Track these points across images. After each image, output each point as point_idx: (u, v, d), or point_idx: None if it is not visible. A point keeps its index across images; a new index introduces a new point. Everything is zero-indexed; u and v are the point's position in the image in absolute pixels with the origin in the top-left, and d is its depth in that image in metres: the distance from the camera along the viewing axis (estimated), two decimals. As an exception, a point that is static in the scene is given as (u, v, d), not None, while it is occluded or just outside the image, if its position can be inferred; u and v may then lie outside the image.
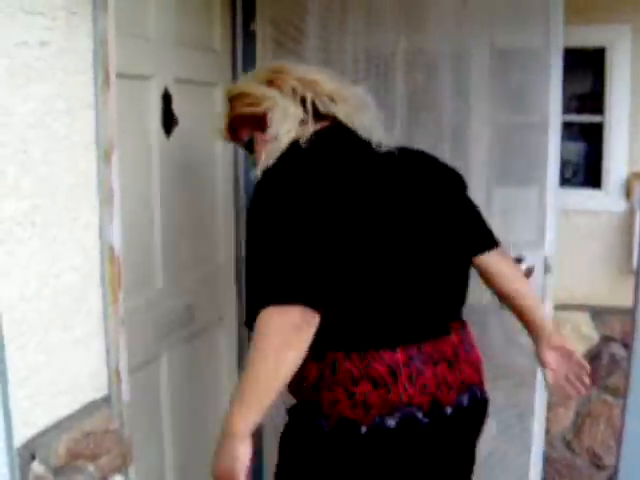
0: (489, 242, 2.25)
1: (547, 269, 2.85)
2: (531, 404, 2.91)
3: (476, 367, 2.15)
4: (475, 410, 2.12)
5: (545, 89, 2.75)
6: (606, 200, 3.28)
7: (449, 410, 2.00)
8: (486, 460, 2.87)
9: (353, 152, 2.05)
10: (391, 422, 1.93)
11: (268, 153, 2.02)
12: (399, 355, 1.95)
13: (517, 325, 2.77)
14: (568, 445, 3.40)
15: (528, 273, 2.84)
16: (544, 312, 2.27)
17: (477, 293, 2.52)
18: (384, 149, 2.05)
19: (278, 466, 2.15)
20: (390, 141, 2.08)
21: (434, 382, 1.98)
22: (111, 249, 2.07)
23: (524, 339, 2.87)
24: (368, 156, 2.04)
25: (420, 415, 1.95)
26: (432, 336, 2.02)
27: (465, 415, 2.06)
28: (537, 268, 2.85)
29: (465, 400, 2.06)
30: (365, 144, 2.06)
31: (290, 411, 2.11)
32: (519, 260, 2.83)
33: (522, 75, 2.80)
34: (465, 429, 2.12)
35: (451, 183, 2.17)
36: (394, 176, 2.05)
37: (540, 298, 2.85)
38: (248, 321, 1.86)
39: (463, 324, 2.18)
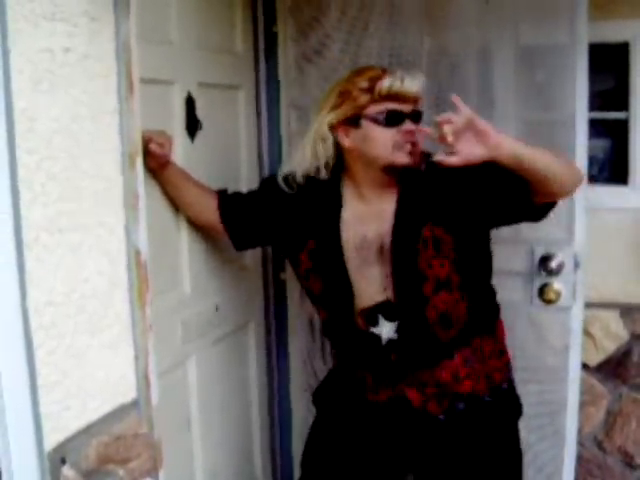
0: None
1: (577, 265, 2.83)
2: (563, 403, 2.89)
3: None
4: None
5: (571, 86, 2.73)
6: (633, 196, 3.25)
7: None
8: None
9: None
10: None
11: None
12: None
13: (547, 324, 2.77)
14: (599, 445, 3.37)
15: (558, 269, 2.82)
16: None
17: (505, 290, 2.51)
18: None
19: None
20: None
21: None
22: (137, 253, 2.08)
23: (554, 338, 2.87)
24: None
25: None
26: None
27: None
28: (567, 265, 2.83)
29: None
30: None
31: None
32: (549, 257, 2.82)
33: (547, 72, 2.78)
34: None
35: None
36: None
37: (571, 295, 2.84)
38: None
39: None
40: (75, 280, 1.88)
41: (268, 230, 2.52)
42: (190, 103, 2.61)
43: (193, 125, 2.63)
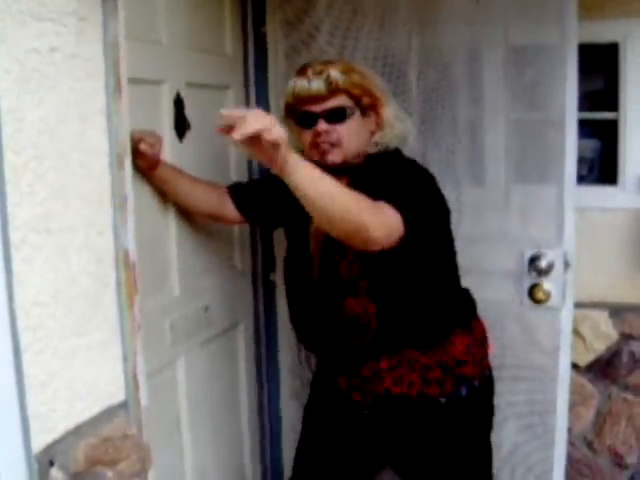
0: None
1: (567, 265, 2.84)
2: (553, 403, 2.89)
3: None
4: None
5: (560, 86, 2.73)
6: (622, 197, 3.25)
7: None
8: (508, 459, 2.85)
9: None
10: None
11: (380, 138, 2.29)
12: None
13: (536, 324, 2.77)
14: (589, 444, 3.37)
15: (548, 269, 2.82)
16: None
17: (494, 291, 2.52)
18: None
19: None
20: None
21: None
22: (126, 254, 2.07)
23: (544, 338, 2.87)
24: None
25: None
26: None
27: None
28: (557, 265, 2.83)
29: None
30: None
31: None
32: (538, 257, 2.82)
33: (537, 72, 2.78)
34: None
35: None
36: None
37: (561, 295, 2.85)
38: None
39: None
40: (63, 281, 1.87)
41: (275, 207, 2.54)
42: (179, 103, 2.60)
43: (182, 125, 2.62)
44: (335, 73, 2.19)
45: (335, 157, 2.23)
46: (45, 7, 1.77)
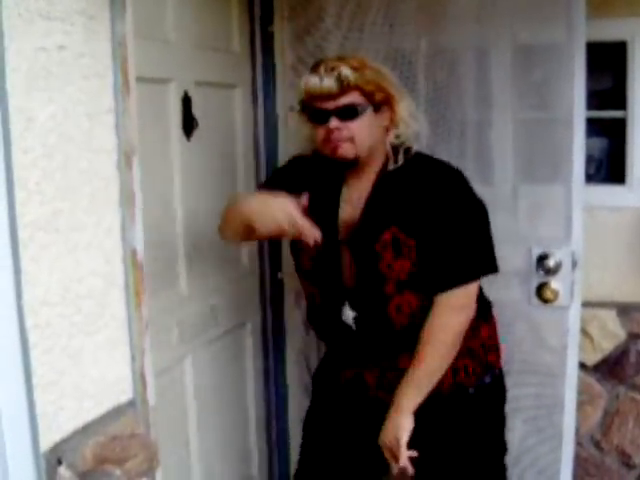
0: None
1: (574, 265, 2.83)
2: (560, 402, 2.88)
3: None
4: None
5: (568, 85, 2.73)
6: (630, 196, 3.25)
7: None
8: (516, 457, 2.84)
9: None
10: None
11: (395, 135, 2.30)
12: None
13: (544, 323, 2.76)
14: (597, 444, 3.36)
15: (556, 268, 2.82)
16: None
17: (502, 290, 2.51)
18: None
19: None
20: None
21: None
22: (134, 253, 2.07)
23: (552, 337, 2.86)
24: None
25: None
26: None
27: None
28: (565, 264, 2.83)
29: None
30: None
31: None
32: (546, 256, 2.81)
33: (544, 71, 2.77)
34: None
35: None
36: None
37: (569, 294, 2.84)
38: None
39: None
40: (71, 279, 1.87)
41: None
42: (187, 102, 2.60)
43: (189, 124, 2.62)
44: (346, 71, 2.19)
45: (346, 152, 2.24)
46: (53, 6, 1.78)
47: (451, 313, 2.26)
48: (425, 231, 2.24)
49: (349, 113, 2.21)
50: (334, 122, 2.21)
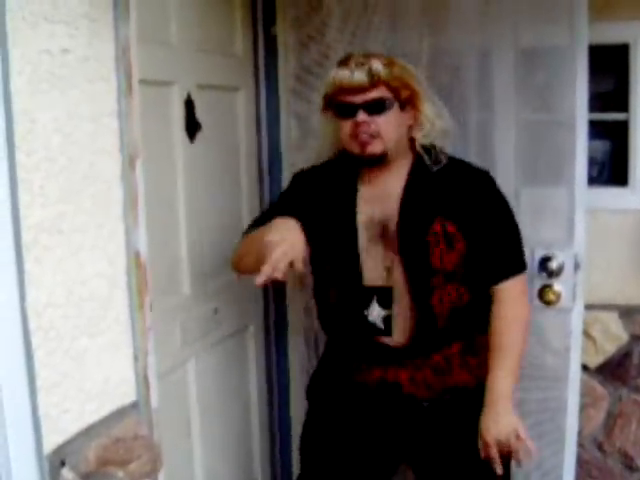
0: None
1: (577, 267, 2.83)
2: (563, 404, 2.88)
3: None
4: None
5: (571, 87, 2.73)
6: (633, 198, 3.24)
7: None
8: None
9: None
10: None
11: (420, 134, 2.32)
12: None
13: (547, 325, 2.76)
14: (599, 446, 3.36)
15: (559, 271, 2.82)
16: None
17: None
18: None
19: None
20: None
21: None
22: (137, 255, 2.08)
23: (554, 340, 2.86)
24: None
25: None
26: None
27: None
28: (567, 266, 2.83)
29: None
30: None
31: None
32: (548, 259, 2.81)
33: (547, 73, 2.77)
34: None
35: None
36: None
37: (571, 297, 2.84)
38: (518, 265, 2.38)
39: None
40: (74, 282, 1.88)
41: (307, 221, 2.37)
42: (190, 105, 2.60)
43: (192, 127, 2.63)
44: (377, 65, 2.21)
45: (375, 148, 2.25)
46: (57, 9, 1.78)
47: (519, 301, 2.35)
48: (473, 222, 2.29)
49: (377, 107, 2.22)
50: (362, 115, 2.22)
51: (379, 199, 2.33)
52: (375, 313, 2.32)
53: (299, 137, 3.11)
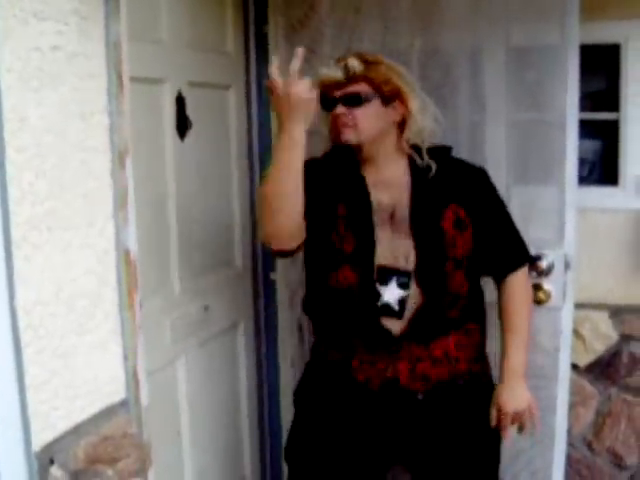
0: None
1: (567, 266, 2.84)
2: (553, 403, 2.89)
3: None
4: None
5: (562, 87, 2.73)
6: (623, 198, 3.25)
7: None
8: (507, 457, 2.84)
9: None
10: None
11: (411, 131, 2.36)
12: None
13: (537, 324, 2.76)
14: (589, 445, 3.37)
15: (548, 270, 2.83)
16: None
17: (495, 291, 2.52)
18: None
19: None
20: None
21: None
22: (127, 253, 2.07)
23: (544, 339, 2.86)
24: None
25: None
26: None
27: None
28: (557, 266, 2.84)
29: None
30: None
31: None
32: (538, 258, 2.82)
33: (538, 73, 2.77)
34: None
35: None
36: None
37: (561, 296, 2.85)
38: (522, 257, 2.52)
39: None
40: (64, 279, 1.87)
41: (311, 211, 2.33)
42: (180, 102, 2.60)
43: (183, 124, 2.62)
44: (353, 62, 2.29)
45: (349, 137, 2.32)
46: (47, 6, 1.78)
47: (526, 288, 2.52)
48: (478, 212, 2.39)
49: (353, 100, 2.30)
50: (339, 108, 2.30)
51: (385, 184, 2.37)
52: (391, 294, 2.33)
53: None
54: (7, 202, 1.68)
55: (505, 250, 2.49)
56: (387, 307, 2.33)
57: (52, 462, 1.83)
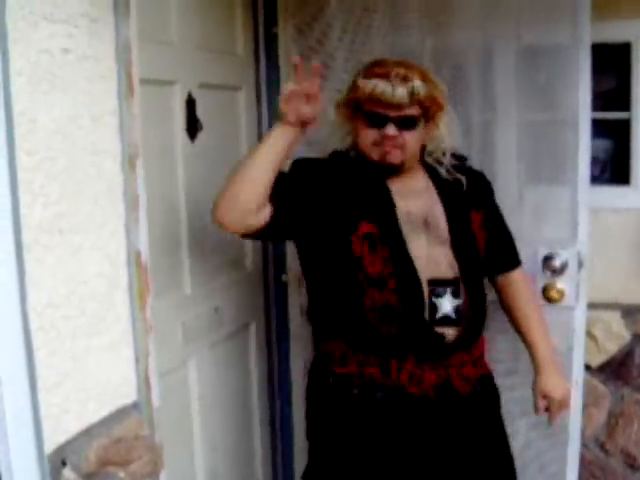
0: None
1: (581, 265, 2.83)
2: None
3: None
4: None
5: (573, 86, 2.72)
6: (635, 197, 3.24)
7: None
8: (521, 461, 2.83)
9: None
10: None
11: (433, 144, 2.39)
12: None
13: (550, 323, 2.75)
14: (601, 446, 3.36)
15: (562, 269, 2.82)
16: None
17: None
18: None
19: None
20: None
21: None
22: (138, 255, 2.07)
23: (557, 338, 2.85)
24: None
25: None
26: None
27: None
28: (570, 265, 2.83)
29: None
30: None
31: None
32: (551, 257, 2.81)
33: (549, 72, 2.77)
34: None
35: None
36: None
37: (575, 295, 2.84)
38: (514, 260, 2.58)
39: None
40: (75, 281, 1.87)
41: (312, 214, 2.32)
42: (191, 104, 2.60)
43: (193, 126, 2.62)
44: (418, 84, 2.20)
45: (396, 158, 2.27)
46: (57, 9, 1.78)
47: (528, 281, 2.62)
48: (487, 214, 2.45)
49: (408, 124, 2.24)
50: (392, 129, 2.23)
51: (411, 193, 2.34)
52: (448, 304, 2.30)
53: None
54: (18, 205, 1.68)
55: (510, 248, 2.57)
56: (446, 318, 2.31)
57: (64, 464, 1.83)
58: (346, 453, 2.37)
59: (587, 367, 3.16)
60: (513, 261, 2.57)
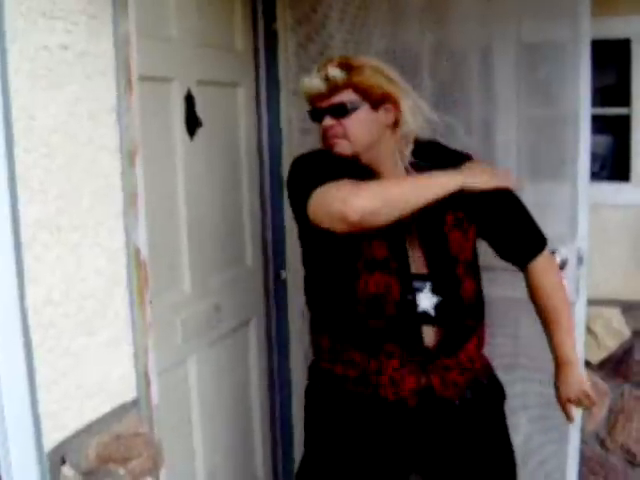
0: None
1: (580, 261, 2.83)
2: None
3: None
4: None
5: (573, 82, 2.72)
6: (635, 193, 3.24)
7: None
8: (524, 458, 2.83)
9: None
10: None
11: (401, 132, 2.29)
12: None
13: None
14: (601, 442, 3.36)
15: (562, 265, 2.82)
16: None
17: (507, 287, 2.52)
18: None
19: None
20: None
21: None
22: (137, 252, 2.07)
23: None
24: None
25: None
26: None
27: None
28: (570, 261, 2.82)
29: None
30: None
31: None
32: (552, 253, 2.81)
33: (549, 69, 2.77)
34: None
35: None
36: None
37: (575, 291, 2.84)
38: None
39: None
40: (74, 279, 1.87)
41: None
42: (190, 100, 2.60)
43: (193, 123, 2.62)
44: (333, 71, 2.20)
45: (343, 149, 2.25)
46: (55, 5, 1.78)
47: (553, 270, 2.48)
48: (482, 204, 2.31)
49: (340, 111, 2.23)
50: (327, 120, 2.24)
51: None
52: (426, 301, 2.27)
53: (300, 133, 3.10)
54: (16, 202, 1.68)
55: (525, 236, 2.43)
56: (425, 315, 2.27)
57: (64, 462, 1.83)
58: (334, 451, 2.37)
59: (587, 363, 3.16)
60: (533, 249, 2.43)
